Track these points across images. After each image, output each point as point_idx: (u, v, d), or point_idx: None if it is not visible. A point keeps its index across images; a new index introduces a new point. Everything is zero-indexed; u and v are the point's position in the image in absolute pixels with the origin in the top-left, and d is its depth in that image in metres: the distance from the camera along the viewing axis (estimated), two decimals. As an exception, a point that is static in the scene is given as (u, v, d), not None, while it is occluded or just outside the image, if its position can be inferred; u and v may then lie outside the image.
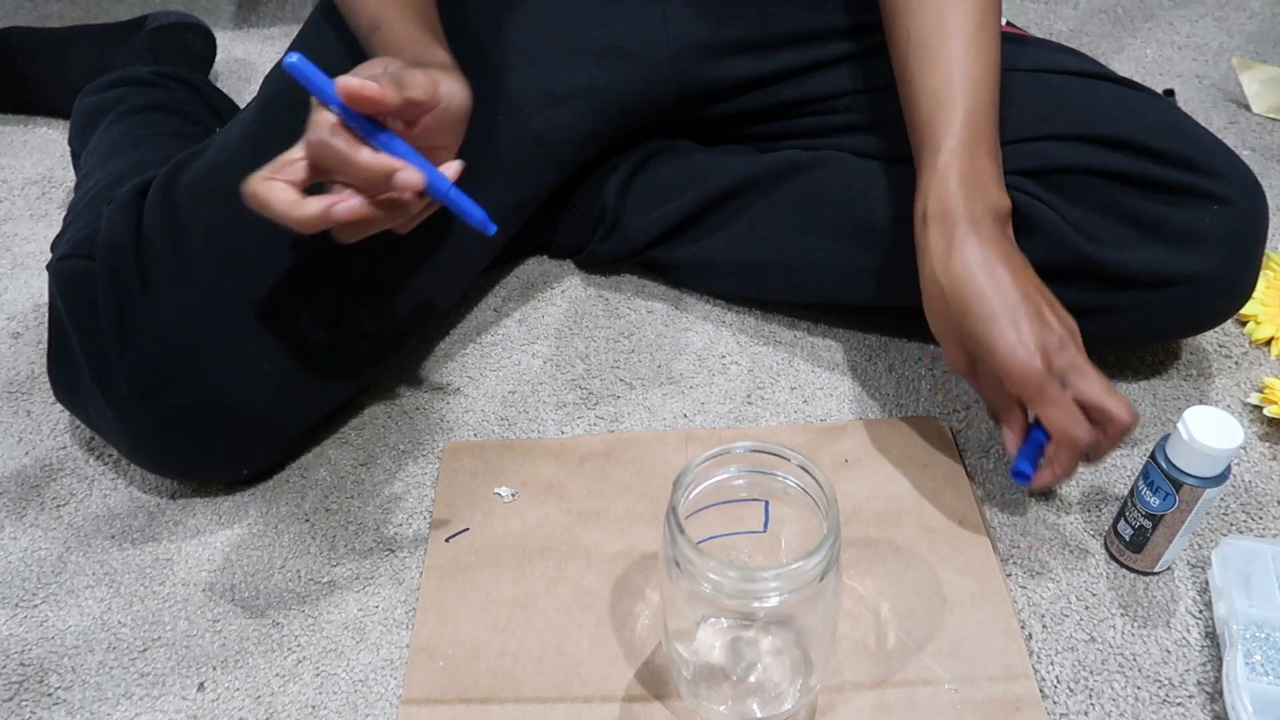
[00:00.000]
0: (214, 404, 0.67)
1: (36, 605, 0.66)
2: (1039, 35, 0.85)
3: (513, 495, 0.71)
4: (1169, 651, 0.61)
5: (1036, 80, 0.73)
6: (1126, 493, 0.64)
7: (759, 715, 0.57)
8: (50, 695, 0.62)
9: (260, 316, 0.67)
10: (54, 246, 0.75)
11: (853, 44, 0.78)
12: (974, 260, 0.61)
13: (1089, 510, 0.69)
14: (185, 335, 0.66)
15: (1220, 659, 0.59)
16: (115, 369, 0.66)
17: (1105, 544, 0.67)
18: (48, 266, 0.72)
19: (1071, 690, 0.59)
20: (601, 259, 0.89)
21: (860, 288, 0.79)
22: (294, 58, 0.52)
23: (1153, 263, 0.68)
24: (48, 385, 0.81)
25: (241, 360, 0.67)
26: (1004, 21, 0.81)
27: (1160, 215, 0.68)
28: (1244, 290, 0.71)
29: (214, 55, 1.15)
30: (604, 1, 0.78)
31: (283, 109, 0.72)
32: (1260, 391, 0.77)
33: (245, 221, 0.68)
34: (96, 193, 0.80)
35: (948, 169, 0.62)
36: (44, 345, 0.71)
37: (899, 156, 0.77)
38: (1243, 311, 0.82)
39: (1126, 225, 0.69)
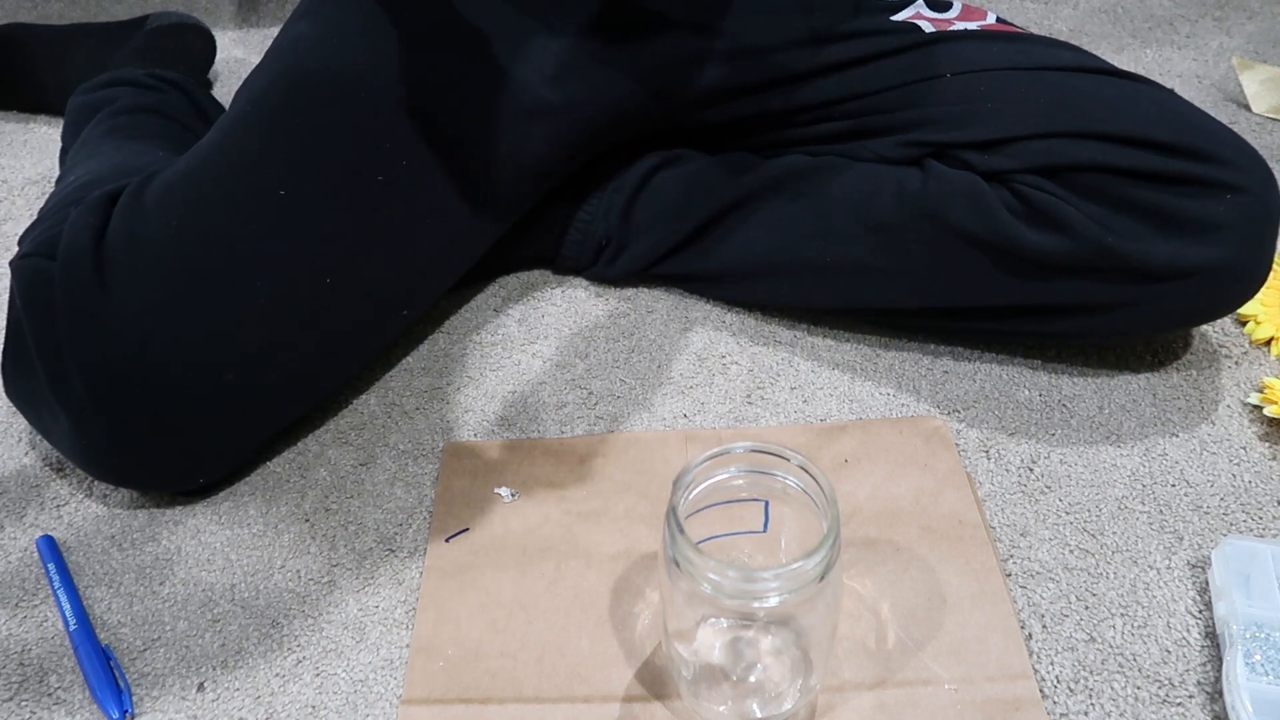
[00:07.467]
0: (169, 412, 0.67)
1: (36, 605, 0.66)
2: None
3: (513, 495, 0.71)
4: (1169, 651, 0.61)
5: (1038, 78, 0.73)
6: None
7: (759, 715, 0.57)
8: (50, 695, 0.62)
9: (219, 325, 0.67)
10: (21, 240, 0.75)
11: (848, 48, 0.78)
12: None
13: (1089, 510, 0.69)
14: (142, 342, 0.65)
15: (1220, 659, 0.59)
16: (69, 372, 0.65)
17: None
18: (10, 262, 0.71)
19: (1071, 690, 0.59)
20: (610, 279, 0.88)
21: (872, 290, 0.78)
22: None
23: (1173, 256, 0.68)
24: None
25: (198, 369, 0.66)
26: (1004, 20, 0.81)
27: (1175, 208, 0.68)
28: (1260, 275, 0.71)
29: (213, 56, 1.15)
30: None
31: (253, 121, 0.72)
32: (1260, 391, 0.77)
33: (207, 229, 0.68)
34: (69, 192, 0.79)
35: None
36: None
37: (903, 160, 0.77)
38: (1242, 311, 0.82)
39: (1143, 220, 0.69)
